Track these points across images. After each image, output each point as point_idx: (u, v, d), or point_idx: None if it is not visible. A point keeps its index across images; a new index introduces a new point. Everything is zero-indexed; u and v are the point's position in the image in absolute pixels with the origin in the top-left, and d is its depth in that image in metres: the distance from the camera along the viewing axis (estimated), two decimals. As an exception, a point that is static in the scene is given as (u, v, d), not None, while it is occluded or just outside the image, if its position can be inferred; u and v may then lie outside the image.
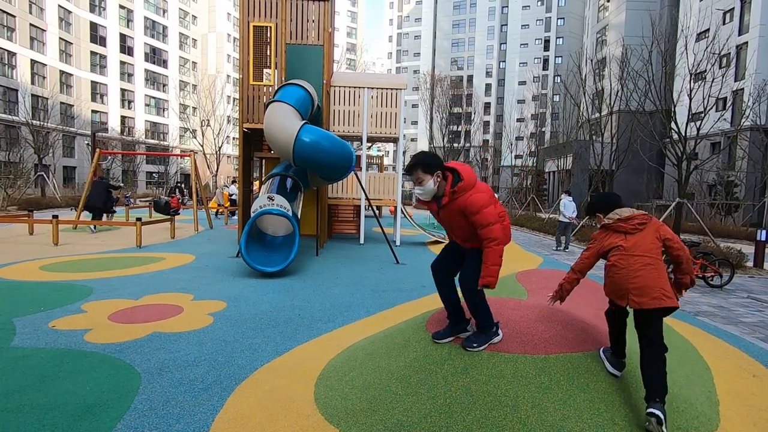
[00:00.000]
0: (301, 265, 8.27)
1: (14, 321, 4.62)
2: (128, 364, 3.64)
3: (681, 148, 12.79)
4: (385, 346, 3.30)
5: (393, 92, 12.17)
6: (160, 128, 51.32)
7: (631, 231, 2.70)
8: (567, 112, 28.36)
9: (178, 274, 7.25)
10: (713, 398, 3.29)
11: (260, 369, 3.64)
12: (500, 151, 53.83)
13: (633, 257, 2.60)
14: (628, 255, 2.62)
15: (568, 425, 2.32)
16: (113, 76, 45.02)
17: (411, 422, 2.38)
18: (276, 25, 10.07)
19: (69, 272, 7.16)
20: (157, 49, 50.64)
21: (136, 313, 5.09)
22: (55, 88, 36.72)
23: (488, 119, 62.99)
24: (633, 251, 2.62)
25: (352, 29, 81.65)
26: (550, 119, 42.85)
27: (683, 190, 12.83)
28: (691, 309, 6.63)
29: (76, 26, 40.77)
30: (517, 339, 2.81)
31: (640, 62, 15.34)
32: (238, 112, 10.81)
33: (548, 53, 62.02)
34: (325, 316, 5.27)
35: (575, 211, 12.78)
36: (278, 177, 9.09)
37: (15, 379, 3.31)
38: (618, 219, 2.76)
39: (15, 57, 34.06)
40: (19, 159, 26.57)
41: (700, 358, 4.29)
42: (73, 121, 38.92)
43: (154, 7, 50.24)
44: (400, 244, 11.96)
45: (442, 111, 44.79)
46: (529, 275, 5.84)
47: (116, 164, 35.15)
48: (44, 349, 3.93)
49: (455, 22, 68.33)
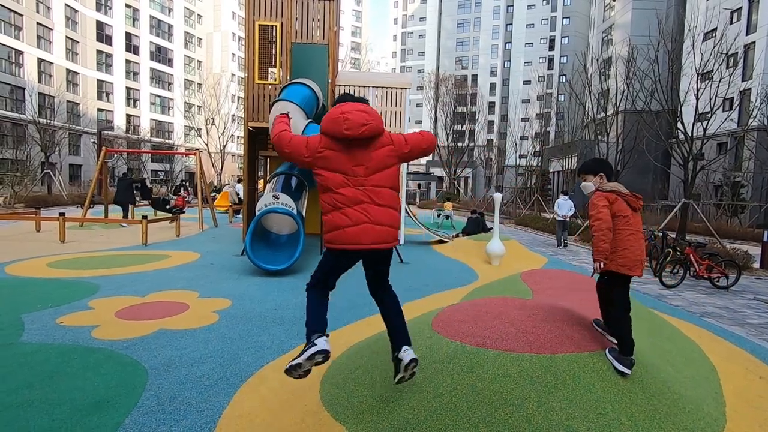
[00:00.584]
0: (306, 264, 8.29)
1: (22, 317, 4.66)
2: (135, 361, 3.67)
3: (687, 149, 12.72)
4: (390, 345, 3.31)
5: (398, 91, 12.17)
6: (165, 127, 51.57)
7: (638, 209, 2.97)
8: (572, 111, 28.26)
9: (183, 272, 7.29)
10: (719, 399, 3.28)
11: (266, 366, 3.66)
12: (504, 151, 53.69)
13: (639, 232, 2.93)
14: (637, 230, 2.91)
15: (574, 424, 2.32)
16: (119, 74, 45.27)
17: (417, 420, 2.39)
18: (281, 23, 10.09)
19: (76, 269, 7.21)
20: (163, 47, 50.86)
21: (143, 310, 5.13)
22: (62, 86, 36.98)
23: (493, 118, 62.84)
24: (638, 228, 2.93)
25: (356, 28, 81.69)
26: (555, 119, 42.68)
27: (689, 191, 12.77)
28: (698, 310, 6.60)
29: (83, 25, 41.01)
30: (523, 339, 2.81)
31: (646, 62, 15.25)
32: (243, 111, 10.84)
33: (553, 53, 61.76)
34: (330, 315, 5.23)
35: (571, 209, 13.39)
36: (283, 176, 9.12)
37: (24, 374, 3.35)
38: (629, 194, 2.95)
39: (22, 55, 34.32)
40: (26, 157, 26.79)
41: (706, 359, 4.27)
42: (79, 120, 39.16)
43: (160, 6, 50.45)
44: (404, 243, 11.96)
45: (446, 110, 44.72)
46: (533, 275, 5.83)
47: (122, 162, 35.33)
48: (52, 345, 3.96)
49: (460, 21, 68.17)
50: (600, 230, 2.78)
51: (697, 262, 8.49)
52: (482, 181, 58.02)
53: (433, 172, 51.67)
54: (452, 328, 3.07)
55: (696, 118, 12.72)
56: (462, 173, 46.30)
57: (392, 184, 2.61)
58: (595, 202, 2.89)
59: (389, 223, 2.55)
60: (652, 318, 4.76)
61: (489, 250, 9.21)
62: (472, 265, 9.09)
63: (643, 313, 4.73)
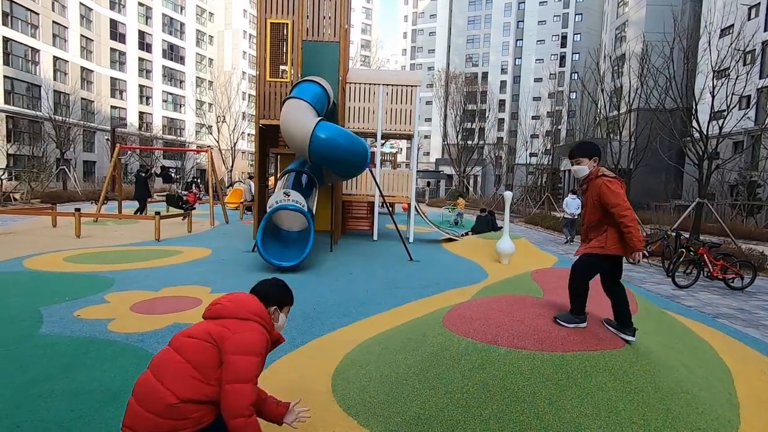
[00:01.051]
0: (316, 261, 8.35)
1: (41, 310, 4.78)
2: (150, 354, 3.73)
3: (702, 147, 12.51)
4: (401, 341, 3.33)
5: (408, 89, 12.16)
6: (176, 124, 52.08)
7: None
8: (584, 109, 27.92)
9: (195, 268, 7.39)
10: (733, 401, 3.24)
11: (277, 361, 3.70)
12: (515, 149, 53.28)
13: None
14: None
15: (585, 422, 2.32)
16: (132, 72, 45.79)
17: (428, 415, 2.41)
18: (293, 21, 10.13)
19: (92, 263, 7.35)
20: (175, 45, 51.31)
21: (157, 304, 5.21)
22: (77, 84, 37.51)
23: (503, 116, 62.38)
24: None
25: (366, 26, 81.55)
26: (566, 117, 42.22)
27: (704, 190, 12.56)
28: (711, 311, 6.52)
29: (97, 23, 41.54)
30: (534, 336, 2.81)
31: (660, 59, 15.02)
32: (254, 109, 10.91)
33: (565, 50, 61.07)
34: (340, 310, 5.33)
35: (579, 208, 13.97)
36: (294, 173, 9.17)
37: (44, 366, 3.43)
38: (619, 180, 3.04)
39: (38, 54, 34.87)
40: (42, 153, 27.29)
41: (720, 360, 4.23)
42: (93, 117, 39.73)
43: (172, 5, 50.89)
44: (413, 241, 11.96)
45: (456, 108, 44.48)
46: (543, 274, 5.80)
47: (134, 159, 35.80)
48: (70, 337, 4.06)
49: (470, 18, 67.66)
50: (633, 219, 2.85)
51: (711, 262, 8.37)
52: (492, 180, 57.69)
53: (443, 170, 51.49)
54: (463, 325, 3.08)
55: (711, 116, 12.49)
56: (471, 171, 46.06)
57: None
58: (616, 190, 2.90)
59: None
60: (663, 318, 4.72)
61: (499, 249, 9.18)
62: (481, 263, 9.07)
63: (655, 313, 4.69)
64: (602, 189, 2.92)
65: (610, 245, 2.92)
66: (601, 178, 2.98)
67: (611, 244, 2.92)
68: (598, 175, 3.02)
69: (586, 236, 3.11)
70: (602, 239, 2.94)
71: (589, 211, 3.07)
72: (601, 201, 2.93)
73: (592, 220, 3.05)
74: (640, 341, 3.23)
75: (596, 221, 3.01)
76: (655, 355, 3.09)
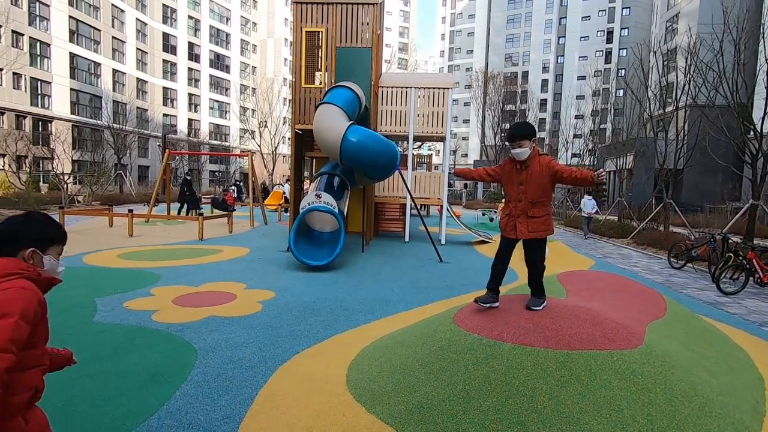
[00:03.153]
0: (347, 260, 8.60)
1: (96, 300, 5.30)
2: (187, 342, 4.09)
3: (756, 146, 11.72)
4: (413, 335, 3.47)
5: (441, 91, 12.22)
6: (222, 130, 54.55)
7: None
8: (629, 108, 26.65)
9: (233, 266, 7.84)
10: (760, 408, 3.13)
11: (301, 353, 3.94)
12: (557, 150, 51.63)
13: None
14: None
15: (585, 418, 2.36)
16: (182, 81, 48.50)
17: (431, 404, 2.54)
18: (327, 29, 10.49)
19: (141, 260, 7.98)
20: (221, 55, 53.83)
21: (196, 298, 5.63)
22: (133, 94, 40.26)
23: (544, 116, 60.61)
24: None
25: (404, 29, 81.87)
26: (612, 115, 40.44)
27: (758, 192, 11.76)
28: (757, 319, 6.16)
29: (151, 37, 44.38)
30: (540, 333, 2.87)
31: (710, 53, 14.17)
32: (291, 114, 11.37)
33: (611, 45, 58.54)
34: (366, 308, 5.52)
35: (594, 207, 16.80)
36: (326, 175, 9.49)
37: (94, 349, 3.85)
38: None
39: (100, 67, 37.72)
40: (102, 159, 29.53)
41: (755, 369, 4.05)
42: (147, 124, 42.44)
43: (219, 16, 53.45)
44: (445, 243, 12.00)
45: (494, 109, 43.76)
46: (571, 276, 5.72)
47: (183, 164, 37.90)
48: (119, 325, 4.50)
49: (510, 17, 66.33)
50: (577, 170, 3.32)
51: (761, 268, 7.87)
52: (532, 181, 56.05)
53: (481, 171, 50.59)
54: (472, 321, 3.18)
55: (766, 112, 11.66)
56: (511, 173, 45.01)
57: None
58: (559, 166, 3.26)
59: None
60: (695, 323, 4.55)
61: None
62: (513, 265, 8.95)
63: (685, 317, 4.54)
64: (552, 162, 3.25)
65: (550, 227, 3.35)
66: (545, 156, 3.28)
67: (550, 225, 3.36)
68: (540, 153, 3.30)
69: (525, 212, 3.31)
70: (547, 221, 3.31)
71: (534, 188, 3.27)
72: (555, 171, 3.20)
73: (536, 198, 3.27)
74: (659, 343, 3.20)
75: (542, 199, 3.28)
76: (672, 357, 3.04)
